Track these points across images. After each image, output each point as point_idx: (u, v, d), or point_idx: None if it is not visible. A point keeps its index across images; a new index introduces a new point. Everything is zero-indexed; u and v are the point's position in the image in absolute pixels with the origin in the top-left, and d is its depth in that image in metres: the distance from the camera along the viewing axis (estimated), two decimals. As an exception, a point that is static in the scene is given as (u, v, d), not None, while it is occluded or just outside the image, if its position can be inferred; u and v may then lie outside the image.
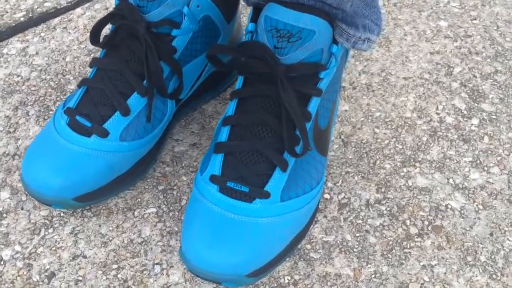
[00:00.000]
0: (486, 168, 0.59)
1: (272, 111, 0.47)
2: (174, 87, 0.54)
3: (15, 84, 0.66)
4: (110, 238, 0.52)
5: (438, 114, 0.65)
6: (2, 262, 0.50)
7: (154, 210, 0.54)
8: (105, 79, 0.51)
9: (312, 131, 0.49)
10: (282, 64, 0.46)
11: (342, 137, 0.62)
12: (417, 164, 0.59)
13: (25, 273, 0.49)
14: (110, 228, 0.53)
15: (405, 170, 0.59)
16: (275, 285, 0.49)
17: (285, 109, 0.45)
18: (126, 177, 0.53)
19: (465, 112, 0.65)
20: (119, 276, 0.49)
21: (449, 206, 0.56)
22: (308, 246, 0.52)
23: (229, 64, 0.49)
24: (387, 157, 0.60)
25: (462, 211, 0.55)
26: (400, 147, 0.61)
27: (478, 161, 0.60)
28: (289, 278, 0.50)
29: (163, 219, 0.54)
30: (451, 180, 0.58)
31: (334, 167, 0.59)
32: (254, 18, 0.48)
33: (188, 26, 0.51)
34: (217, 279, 0.45)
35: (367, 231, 0.53)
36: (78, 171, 0.49)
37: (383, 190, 0.57)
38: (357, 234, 0.53)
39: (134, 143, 0.52)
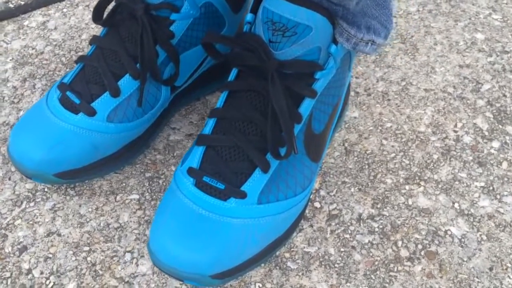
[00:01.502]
0: (498, 196, 0.54)
1: (260, 108, 0.45)
2: (170, 74, 0.52)
3: (28, 56, 0.67)
4: (88, 220, 0.51)
5: (455, 132, 0.60)
6: (-21, 229, 0.50)
7: (137, 196, 0.53)
8: (100, 58, 0.50)
9: (303, 134, 0.46)
10: (275, 59, 0.43)
11: (346, 144, 0.58)
12: (422, 183, 0.55)
13: (-1, 243, 0.49)
14: (90, 210, 0.52)
15: (407, 187, 0.54)
16: (245, 290, 0.46)
17: (272, 107, 0.43)
18: (112, 160, 0.52)
19: (486, 133, 0.60)
20: (88, 258, 0.48)
21: (449, 232, 0.51)
22: (287, 255, 0.49)
23: (224, 54, 0.47)
24: (390, 172, 0.56)
25: (463, 240, 0.50)
26: (407, 162, 0.57)
27: (491, 188, 0.55)
28: (261, 285, 0.47)
29: (143, 207, 0.52)
30: (456, 205, 0.53)
31: (331, 175, 0.55)
32: (254, 8, 0.45)
33: (188, 11, 0.49)
34: (180, 276, 0.43)
35: (353, 247, 0.50)
36: (61, 147, 0.48)
37: (379, 206, 0.53)
38: (342, 249, 0.49)
39: (122, 126, 0.50)
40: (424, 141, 0.59)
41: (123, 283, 0.47)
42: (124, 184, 0.54)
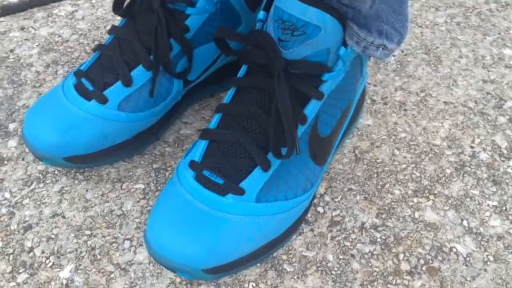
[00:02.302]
0: (511, 217, 0.52)
1: (265, 105, 0.44)
2: (183, 67, 0.53)
3: (54, 43, 0.69)
4: (92, 205, 0.52)
5: (472, 147, 0.58)
6: (-11, 205, 0.52)
7: (142, 186, 0.54)
8: (116, 48, 0.51)
9: (307, 136, 0.46)
10: (283, 58, 0.43)
11: (356, 152, 0.57)
12: (431, 197, 0.53)
13: (5, 219, 0.51)
14: (95, 195, 0.53)
15: (415, 200, 0.53)
16: (238, 288, 0.46)
17: (276, 106, 0.43)
18: (121, 148, 0.53)
19: (505, 152, 0.58)
20: (88, 242, 0.49)
21: (454, 250, 0.49)
22: (284, 257, 0.48)
23: (234, 51, 0.47)
24: (399, 183, 0.54)
25: (468, 258, 0.49)
26: (418, 174, 0.55)
27: (504, 208, 0.53)
28: (254, 284, 0.47)
29: (147, 197, 0.53)
30: (465, 222, 0.51)
31: (338, 181, 0.54)
32: (267, 6, 0.45)
33: (203, 6, 0.50)
34: (173, 268, 0.43)
35: (352, 255, 0.49)
36: (72, 132, 0.49)
37: (384, 216, 0.52)
38: (341, 256, 0.49)
39: (132, 115, 0.51)
40: (438, 154, 0.57)
41: (119, 269, 0.47)
42: (131, 173, 0.55)
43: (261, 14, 0.45)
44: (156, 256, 0.43)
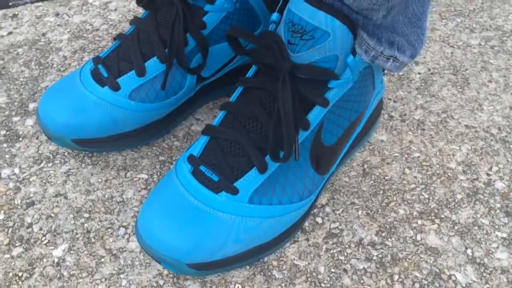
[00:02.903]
0: (520, 252, 0.49)
1: (268, 107, 0.44)
2: (198, 63, 0.53)
3: (84, 31, 0.71)
4: (95, 189, 0.53)
5: (488, 175, 0.55)
6: (-2, 178, 0.54)
7: (146, 176, 0.54)
8: (134, 38, 0.52)
9: (310, 143, 0.45)
10: (290, 61, 0.42)
11: (365, 166, 0.56)
12: (437, 221, 0.51)
13: (11, 194, 0.52)
14: (99, 180, 0.54)
15: (419, 222, 0.51)
16: (223, 288, 0.46)
17: (278, 108, 0.42)
18: (130, 137, 0.54)
19: (523, 183, 0.55)
20: (85, 225, 0.50)
21: (453, 278, 0.47)
22: (275, 263, 0.48)
23: (245, 50, 0.47)
24: (406, 202, 0.53)
25: (467, 288, 0.46)
26: (426, 196, 0.53)
27: (514, 241, 0.50)
28: (240, 287, 0.46)
29: (149, 188, 0.53)
30: (469, 251, 0.49)
31: (341, 194, 0.53)
32: (281, 8, 0.45)
33: (222, 4, 0.50)
34: (158, 258, 0.43)
35: (345, 270, 0.47)
36: (83, 115, 0.51)
37: (384, 234, 0.50)
38: (333, 270, 0.47)
39: (142, 105, 0.52)
40: (451, 178, 0.55)
41: (110, 255, 0.48)
42: (137, 163, 0.55)
43: (274, 15, 0.45)
44: (144, 244, 0.43)
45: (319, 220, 0.51)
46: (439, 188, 0.54)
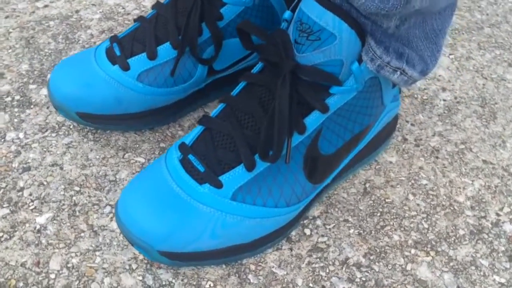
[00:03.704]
0: (517, 301, 0.45)
1: (266, 105, 0.43)
2: (211, 55, 0.53)
3: (116, 13, 0.72)
4: (91, 165, 0.53)
5: (498, 215, 0.52)
6: (2, 140, 0.55)
7: (143, 160, 0.54)
8: (152, 22, 0.52)
9: (305, 148, 0.43)
10: (294, 60, 0.41)
11: (367, 185, 0.53)
12: (432, 253, 0.48)
13: (10, 156, 0.53)
14: (97, 157, 0.54)
15: (413, 251, 0.48)
16: (194, 283, 0.44)
17: (273, 107, 0.41)
18: (134, 119, 0.54)
19: (535, 230, 0.51)
20: (74, 198, 0.50)
21: (438, 315, 0.44)
22: (253, 267, 0.46)
23: (253, 45, 0.46)
24: (402, 229, 0.50)
25: (450, 329, 0.43)
26: (425, 226, 0.50)
27: (513, 289, 0.46)
28: (212, 285, 0.44)
29: (143, 172, 0.53)
30: (461, 290, 0.46)
31: (336, 209, 0.51)
32: (295, 7, 0.44)
33: (240, -2, 0.50)
34: (131, 240, 0.42)
35: (323, 287, 0.45)
36: (89, 90, 0.51)
37: (372, 257, 0.47)
38: (311, 284, 0.45)
39: (149, 88, 0.52)
40: (457, 212, 0.52)
41: (90, 231, 0.48)
42: (137, 146, 0.55)
43: (287, 13, 0.43)
44: (120, 224, 0.43)
45: (307, 231, 0.49)
46: (441, 220, 0.51)
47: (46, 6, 0.73)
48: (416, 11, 0.38)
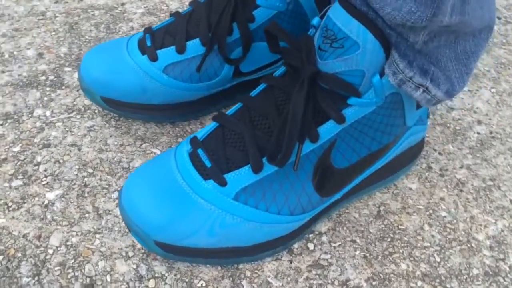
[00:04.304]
0: None
1: (281, 109, 0.42)
2: (239, 56, 0.52)
3: (159, 10, 0.73)
4: (108, 150, 0.54)
5: (519, 259, 0.48)
6: (29, 116, 0.56)
7: (158, 152, 0.54)
8: (186, 17, 0.53)
9: (316, 158, 0.42)
10: (314, 66, 0.40)
11: (382, 208, 0.51)
12: (440, 288, 0.45)
13: (34, 132, 0.55)
14: (115, 143, 0.54)
15: (419, 283, 0.45)
16: (187, 280, 0.43)
17: (288, 111, 0.40)
18: (156, 111, 0.54)
19: (559, 281, 0.47)
20: (85, 179, 0.51)
21: None
22: (248, 273, 0.45)
23: (279, 48, 0.45)
24: (412, 258, 0.47)
25: None
26: (437, 260, 0.47)
27: None
28: (204, 284, 0.43)
29: (157, 163, 0.53)
30: (466, 332, 0.43)
31: (345, 228, 0.49)
32: (323, 15, 0.43)
33: (274, 2, 0.49)
34: (129, 226, 0.42)
35: (318, 305, 0.43)
36: (115, 76, 0.52)
37: (374, 283, 0.45)
38: (305, 300, 0.43)
39: (173, 82, 0.52)
40: (474, 250, 0.49)
41: (95, 213, 0.48)
42: (155, 137, 0.55)
43: (315, 20, 0.43)
44: (121, 209, 0.42)
45: (311, 246, 0.47)
46: (455, 256, 0.48)
47: (95, -4, 0.75)
48: (446, 28, 0.37)
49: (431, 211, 0.52)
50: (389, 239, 0.49)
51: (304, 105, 0.39)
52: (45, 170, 0.51)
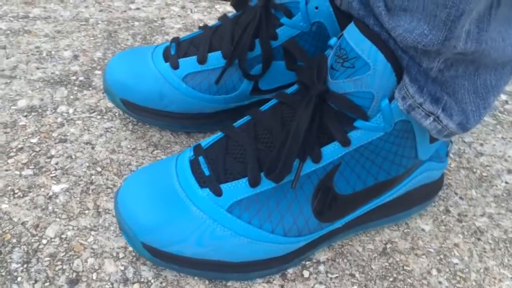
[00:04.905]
0: None
1: (287, 124, 0.41)
2: (259, 72, 0.52)
3: (195, 27, 0.75)
4: (120, 151, 0.54)
5: (534, 321, 0.44)
6: (53, 111, 0.58)
7: (168, 160, 0.54)
8: (212, 30, 0.54)
9: (317, 179, 0.41)
10: (324, 86, 0.39)
11: (388, 246, 0.48)
12: None
13: (54, 127, 0.56)
14: (128, 146, 0.55)
15: (418, 329, 0.42)
16: (171, 290, 0.42)
17: (290, 128, 0.39)
18: (172, 119, 0.54)
19: None
20: (92, 177, 0.51)
21: None
22: (235, 292, 0.43)
23: (294, 66, 0.44)
24: (413, 302, 0.44)
25: None
26: (442, 307, 0.44)
27: None
28: (188, 297, 0.42)
29: (165, 170, 0.53)
30: None
31: (345, 260, 0.46)
32: (341, 35, 0.42)
33: (297, 22, 0.49)
34: (120, 224, 0.41)
35: (303, 336, 0.41)
36: (136, 80, 0.53)
37: (368, 322, 0.42)
38: (290, 329, 0.41)
39: (192, 91, 0.52)
40: (484, 303, 0.45)
41: (95, 210, 0.48)
42: (168, 146, 0.55)
43: (332, 40, 0.42)
44: (115, 206, 0.42)
45: (306, 273, 0.45)
46: (462, 307, 0.44)
47: (137, 8, 0.78)
48: (463, 57, 0.35)
49: (442, 256, 0.48)
50: (391, 279, 0.46)
51: (309, 122, 0.38)
52: (57, 164, 0.52)
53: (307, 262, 0.46)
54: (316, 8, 0.48)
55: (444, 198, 0.54)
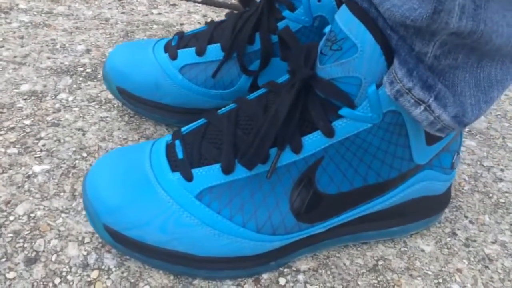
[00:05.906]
0: None
1: (268, 111, 0.38)
2: (257, 68, 0.50)
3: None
4: (111, 140, 0.52)
5: None
6: (53, 97, 0.57)
7: (158, 153, 0.52)
8: (216, 26, 0.52)
9: (298, 173, 0.37)
10: (310, 71, 0.36)
11: (380, 263, 0.43)
12: None
13: (51, 111, 0.55)
14: (119, 136, 0.53)
15: None
16: (132, 281, 0.39)
17: (270, 112, 0.36)
18: (167, 112, 0.53)
19: None
20: (76, 161, 0.49)
21: None
22: (200, 291, 0.39)
23: (288, 54, 0.42)
24: (400, 326, 0.39)
25: None
26: (432, 336, 0.38)
27: None
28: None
29: (151, 162, 0.50)
30: None
31: (329, 273, 0.42)
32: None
33: (299, 16, 0.46)
34: (85, 204, 0.39)
35: None
36: (134, 68, 0.52)
37: None
38: (253, 337, 0.36)
39: (187, 83, 0.50)
40: (484, 337, 0.39)
41: (70, 193, 0.46)
42: (161, 139, 0.53)
43: (327, 28, 0.39)
44: (83, 184, 0.40)
45: (282, 281, 0.41)
46: (457, 338, 0.39)
47: (159, 13, 0.78)
48: (462, 41, 0.31)
49: (440, 280, 0.43)
50: (378, 298, 0.41)
51: (290, 107, 0.35)
52: (44, 145, 0.51)
53: (285, 269, 0.42)
54: (319, 1, 0.46)
55: (452, 220, 0.49)
